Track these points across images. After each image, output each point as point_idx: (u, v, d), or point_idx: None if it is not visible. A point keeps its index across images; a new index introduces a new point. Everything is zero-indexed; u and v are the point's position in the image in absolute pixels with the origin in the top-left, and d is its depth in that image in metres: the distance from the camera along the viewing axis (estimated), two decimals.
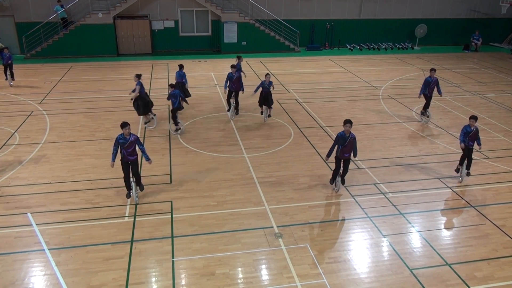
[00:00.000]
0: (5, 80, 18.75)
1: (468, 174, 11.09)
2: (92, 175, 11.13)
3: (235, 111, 15.34)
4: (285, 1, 26.87)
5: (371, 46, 28.30)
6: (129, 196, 9.79)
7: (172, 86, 13.55)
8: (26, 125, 14.36)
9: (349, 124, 9.77)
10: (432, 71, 14.69)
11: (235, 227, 9.08)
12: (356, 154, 10.19)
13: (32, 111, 15.63)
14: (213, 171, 11.48)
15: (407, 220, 9.46)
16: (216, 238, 8.72)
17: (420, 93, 14.95)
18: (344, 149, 9.94)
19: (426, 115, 15.18)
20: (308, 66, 23.43)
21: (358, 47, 28.39)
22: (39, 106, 16.25)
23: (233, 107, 15.20)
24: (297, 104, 16.99)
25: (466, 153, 10.83)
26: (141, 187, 9.96)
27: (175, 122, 13.71)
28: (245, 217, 9.45)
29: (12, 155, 12.20)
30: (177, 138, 13.53)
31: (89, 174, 11.21)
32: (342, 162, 10.19)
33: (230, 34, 25.91)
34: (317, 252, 8.35)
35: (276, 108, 15.83)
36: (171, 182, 10.91)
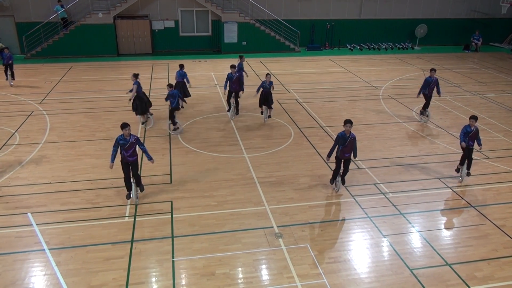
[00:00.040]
0: (5, 80, 18.78)
1: (468, 174, 11.09)
2: (92, 175, 11.13)
3: (235, 111, 15.35)
4: (285, 1, 26.87)
5: (371, 46, 28.29)
6: (129, 197, 9.78)
7: (171, 86, 13.55)
8: (26, 125, 14.36)
9: (349, 124, 9.77)
10: (432, 71, 14.70)
11: (236, 227, 9.08)
12: (356, 155, 10.20)
13: (32, 111, 15.64)
14: (213, 171, 11.49)
15: (407, 220, 9.47)
16: (216, 238, 8.72)
17: (419, 93, 14.96)
18: (345, 149, 9.94)
19: (425, 114, 15.19)
20: (308, 66, 23.43)
21: (358, 47, 28.39)
22: (39, 106, 16.26)
23: (233, 107, 15.20)
24: (297, 104, 16.99)
25: (467, 153, 10.83)
26: (141, 188, 9.96)
27: (173, 122, 13.72)
28: (245, 217, 9.46)
29: (12, 155, 12.20)
30: (177, 138, 13.53)
31: (89, 174, 11.21)
32: (342, 162, 10.20)
33: (230, 34, 25.91)
34: (317, 252, 8.35)
35: (276, 108, 15.83)
36: (171, 182, 10.91)
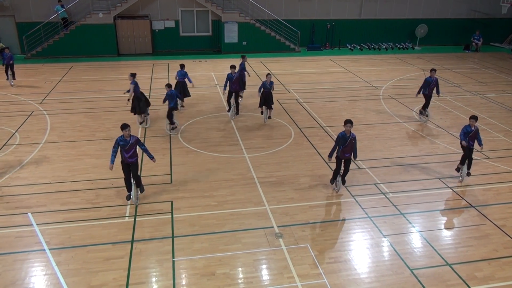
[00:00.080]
0: (6, 80, 18.79)
1: (469, 174, 11.09)
2: (93, 175, 11.13)
3: (236, 111, 15.35)
4: (285, 1, 26.87)
5: (372, 46, 28.28)
6: (129, 198, 9.77)
7: (169, 86, 13.54)
8: (27, 125, 14.36)
9: (349, 124, 9.77)
10: (432, 71, 14.70)
11: (236, 227, 9.08)
12: (356, 156, 10.19)
13: (33, 111, 15.64)
14: (214, 171, 11.48)
15: (407, 220, 9.46)
16: (216, 238, 8.72)
17: (418, 92, 14.98)
18: (345, 149, 9.94)
19: (425, 114, 15.20)
20: (309, 66, 23.43)
21: (358, 47, 28.38)
22: (40, 106, 16.26)
23: (233, 107, 15.21)
24: (298, 104, 16.99)
25: (467, 152, 10.83)
26: (141, 189, 9.95)
27: (171, 121, 13.72)
28: (246, 217, 9.45)
29: (13, 155, 12.20)
30: (177, 138, 13.53)
31: (89, 174, 11.21)
32: (343, 162, 10.20)
33: (231, 34, 25.90)
34: (318, 252, 8.35)
35: (276, 108, 15.83)
36: (171, 182, 10.91)
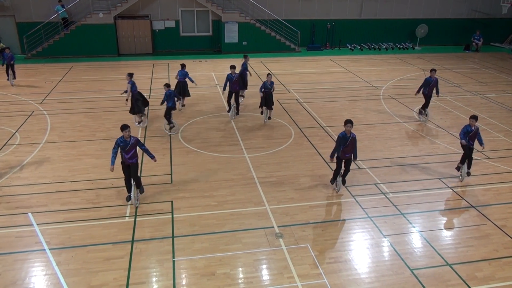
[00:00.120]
0: (6, 80, 18.79)
1: (468, 174, 11.09)
2: (93, 175, 11.14)
3: (236, 111, 15.35)
4: (285, 1, 26.87)
5: (372, 46, 28.28)
6: (129, 199, 9.77)
7: (168, 86, 13.54)
8: (27, 125, 14.37)
9: (350, 124, 9.78)
10: (432, 71, 14.70)
11: (236, 227, 9.08)
12: (356, 156, 10.20)
13: (33, 111, 15.64)
14: (214, 171, 11.48)
15: (407, 220, 9.46)
16: (216, 238, 8.72)
17: (418, 91, 14.98)
18: (346, 149, 9.94)
19: (424, 114, 15.20)
20: (309, 66, 23.42)
21: (358, 47, 28.38)
22: (40, 106, 16.27)
23: (233, 107, 15.20)
24: (298, 104, 16.99)
25: (467, 152, 10.82)
26: (141, 190, 9.95)
27: (169, 121, 13.72)
28: (246, 217, 9.45)
29: (13, 155, 12.21)
30: (177, 138, 13.53)
31: (89, 174, 11.22)
32: (343, 162, 10.20)
33: (231, 34, 25.90)
34: (318, 252, 8.35)
35: (276, 108, 15.83)
36: (171, 182, 10.91)
